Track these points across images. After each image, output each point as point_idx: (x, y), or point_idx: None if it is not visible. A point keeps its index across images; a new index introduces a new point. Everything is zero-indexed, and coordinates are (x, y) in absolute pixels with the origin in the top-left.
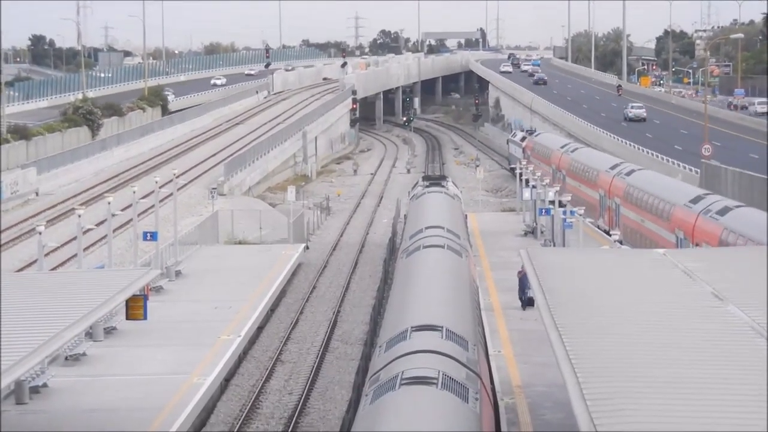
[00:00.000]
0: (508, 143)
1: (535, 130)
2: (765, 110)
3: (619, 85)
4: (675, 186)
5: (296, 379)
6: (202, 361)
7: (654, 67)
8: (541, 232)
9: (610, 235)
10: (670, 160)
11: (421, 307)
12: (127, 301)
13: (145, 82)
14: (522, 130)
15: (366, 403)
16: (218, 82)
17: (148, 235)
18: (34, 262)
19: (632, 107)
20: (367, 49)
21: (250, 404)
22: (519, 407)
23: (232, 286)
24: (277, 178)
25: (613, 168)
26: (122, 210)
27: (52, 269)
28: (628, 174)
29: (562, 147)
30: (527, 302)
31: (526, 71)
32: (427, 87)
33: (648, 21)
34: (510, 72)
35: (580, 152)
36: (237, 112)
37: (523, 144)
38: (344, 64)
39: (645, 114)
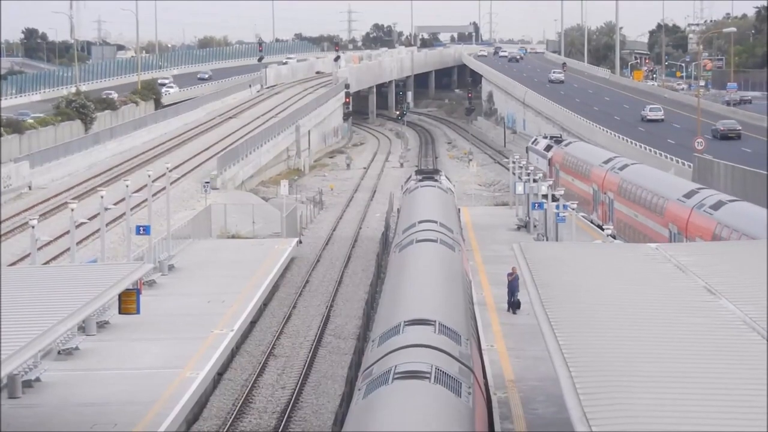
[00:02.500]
0: (527, 151)
1: (561, 137)
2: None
3: (564, 63)
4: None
5: (289, 373)
6: (195, 355)
7: (647, 61)
8: (534, 226)
9: (603, 230)
10: (663, 153)
11: (414, 302)
12: (120, 295)
13: (138, 75)
14: (545, 137)
15: (359, 398)
16: (205, 76)
17: (141, 229)
18: (27, 256)
19: (650, 109)
20: (360, 43)
21: (242, 398)
22: (512, 401)
23: (225, 280)
24: (270, 172)
25: (688, 196)
26: (115, 204)
27: (45, 263)
28: (715, 208)
29: (605, 162)
30: (515, 305)
31: (504, 56)
32: (420, 81)
33: (641, 15)
34: (485, 56)
35: (635, 171)
36: (230, 106)
37: (549, 155)
38: (337, 58)
39: (663, 116)
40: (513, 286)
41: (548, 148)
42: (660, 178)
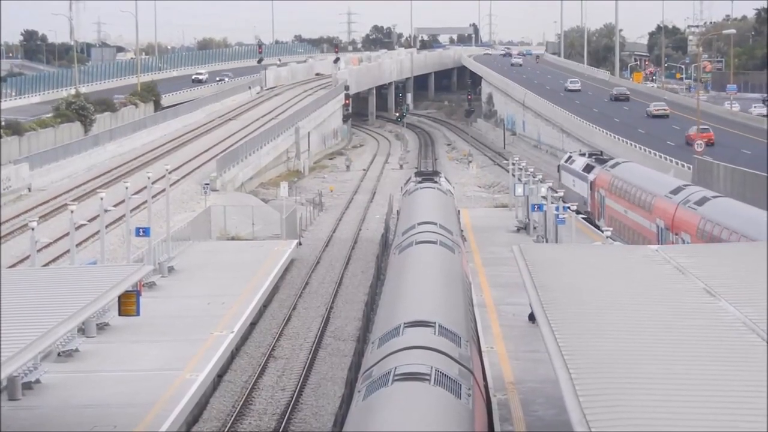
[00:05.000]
0: (559, 171)
1: (602, 154)
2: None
3: (538, 56)
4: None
5: (289, 375)
6: (195, 356)
7: (647, 63)
8: (534, 228)
9: (602, 231)
10: (662, 155)
11: (413, 303)
12: (120, 297)
13: (137, 77)
14: (583, 154)
15: (359, 399)
16: (201, 77)
17: (141, 230)
18: (27, 257)
19: (655, 106)
20: (359, 45)
21: (242, 400)
22: (511, 403)
23: (224, 282)
24: (270, 174)
25: None
26: (115, 206)
27: (45, 265)
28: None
29: (674, 193)
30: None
31: (518, 64)
32: (420, 82)
33: (641, 17)
34: (490, 54)
35: (719, 208)
36: (230, 108)
37: (590, 177)
38: (337, 60)
39: (668, 111)
40: None
41: (588, 168)
42: (752, 217)
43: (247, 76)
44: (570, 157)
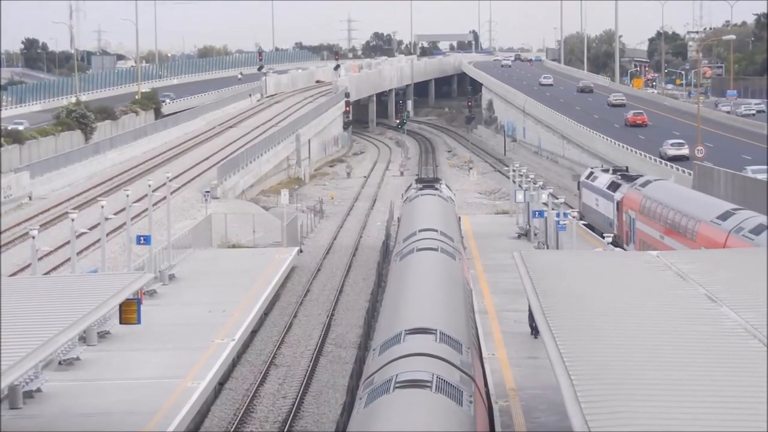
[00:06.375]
0: (579, 187)
1: (627, 170)
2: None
3: (530, 60)
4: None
5: (290, 382)
6: (196, 364)
7: (647, 69)
8: (535, 235)
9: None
10: (661, 161)
11: (414, 310)
12: (121, 305)
13: (138, 85)
14: (607, 170)
15: (360, 407)
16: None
17: (142, 238)
18: (28, 266)
19: (614, 96)
20: (360, 52)
21: (244, 408)
22: (513, 410)
23: (225, 290)
24: (271, 181)
25: None
26: (116, 214)
27: (46, 273)
28: None
29: (722, 218)
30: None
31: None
32: (420, 89)
33: (640, 22)
34: (510, 65)
35: None
36: (230, 115)
37: (618, 196)
38: (337, 67)
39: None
40: None
41: (614, 186)
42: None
43: (245, 84)
44: (592, 173)
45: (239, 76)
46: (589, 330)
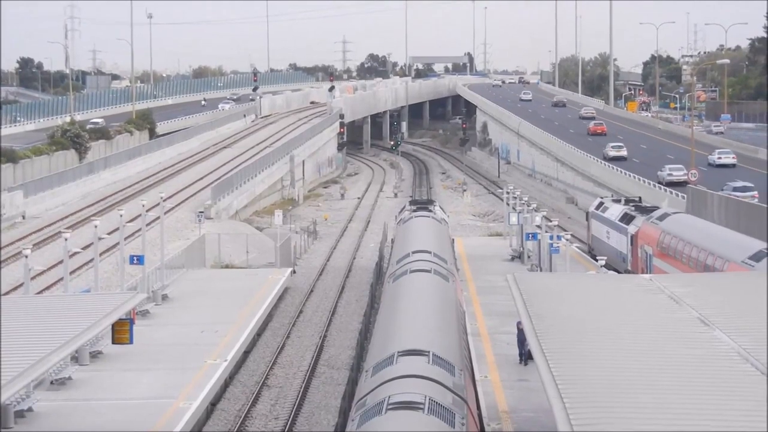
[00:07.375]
0: (588, 218)
1: (641, 201)
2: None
3: (521, 79)
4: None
5: (282, 403)
6: (188, 385)
7: (641, 92)
8: (528, 257)
9: (596, 261)
10: (655, 185)
11: (407, 332)
12: (113, 325)
13: (132, 105)
14: (619, 201)
15: (352, 428)
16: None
17: (135, 258)
18: (21, 285)
19: (584, 110)
20: (354, 73)
21: (236, 429)
22: None
23: (218, 310)
24: (264, 202)
25: None
26: (109, 233)
27: (39, 293)
28: None
29: (755, 259)
30: (527, 356)
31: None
32: (415, 111)
33: (635, 46)
34: (500, 86)
35: None
36: (224, 136)
37: (632, 230)
38: (332, 88)
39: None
40: (523, 337)
41: (627, 218)
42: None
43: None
44: (602, 203)
45: (203, 102)
46: (582, 353)
